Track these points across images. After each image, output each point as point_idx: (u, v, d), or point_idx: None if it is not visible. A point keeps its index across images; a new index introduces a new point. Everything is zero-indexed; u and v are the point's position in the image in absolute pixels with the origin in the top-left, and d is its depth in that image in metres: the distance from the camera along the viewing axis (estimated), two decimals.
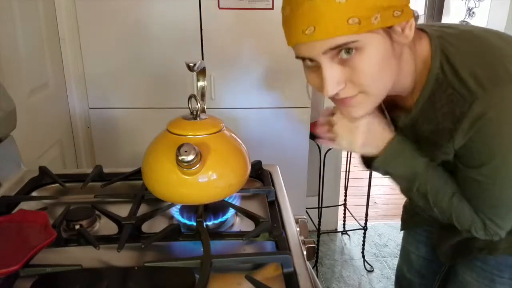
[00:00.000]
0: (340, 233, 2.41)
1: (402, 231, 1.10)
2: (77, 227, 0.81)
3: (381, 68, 0.61)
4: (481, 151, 0.64)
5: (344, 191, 2.28)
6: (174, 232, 0.78)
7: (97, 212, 0.85)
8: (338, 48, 0.59)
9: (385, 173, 0.77)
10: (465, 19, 2.09)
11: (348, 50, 0.59)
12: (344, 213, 2.34)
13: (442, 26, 0.71)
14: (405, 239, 1.11)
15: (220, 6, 1.69)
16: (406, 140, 0.74)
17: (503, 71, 0.62)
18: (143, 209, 0.88)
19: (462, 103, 0.63)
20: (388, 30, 0.60)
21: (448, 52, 0.65)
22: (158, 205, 0.89)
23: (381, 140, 0.73)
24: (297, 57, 0.66)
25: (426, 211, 0.84)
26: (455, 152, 0.69)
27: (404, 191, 0.78)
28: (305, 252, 0.76)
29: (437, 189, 0.73)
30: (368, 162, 0.78)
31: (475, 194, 0.70)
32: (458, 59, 0.64)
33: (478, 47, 0.66)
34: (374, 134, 0.73)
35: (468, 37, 0.68)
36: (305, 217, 0.87)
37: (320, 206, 2.03)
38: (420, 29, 0.69)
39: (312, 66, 0.65)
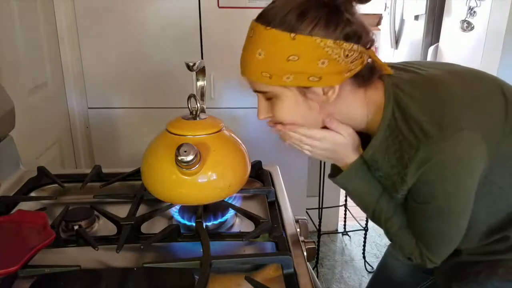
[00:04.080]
0: (340, 234, 2.40)
1: None
2: (76, 227, 0.80)
3: (291, 115, 0.71)
4: (425, 191, 0.68)
5: (344, 192, 2.27)
6: (174, 232, 0.77)
7: (96, 213, 0.85)
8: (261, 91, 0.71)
9: (344, 189, 0.82)
10: (466, 19, 2.08)
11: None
12: (345, 214, 2.34)
13: (407, 70, 0.74)
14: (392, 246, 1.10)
15: (220, 5, 1.69)
16: (365, 167, 0.77)
17: (449, 123, 0.64)
18: (142, 209, 0.87)
19: (409, 149, 0.66)
20: (303, 89, 0.67)
21: (400, 99, 0.69)
22: (157, 206, 0.89)
23: (344, 159, 0.77)
24: None
25: None
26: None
27: (362, 210, 0.82)
28: (305, 253, 0.76)
29: (388, 218, 0.77)
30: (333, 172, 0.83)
31: (418, 225, 0.74)
32: (408, 106, 0.68)
33: (431, 95, 0.69)
34: (341, 152, 0.76)
35: (424, 83, 0.71)
36: (305, 217, 0.87)
37: (320, 206, 2.02)
38: (379, 76, 0.72)
39: None
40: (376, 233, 2.36)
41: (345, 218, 2.35)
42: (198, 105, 0.80)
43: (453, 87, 0.69)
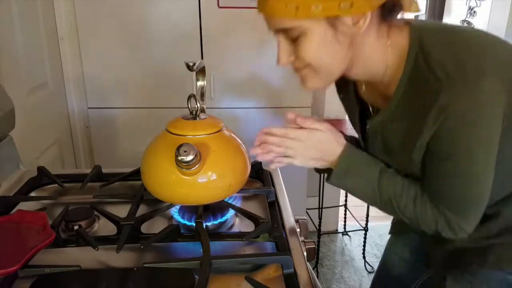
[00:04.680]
0: (340, 234, 2.40)
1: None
2: (76, 227, 0.80)
3: (321, 52, 0.65)
4: (446, 144, 0.64)
5: (344, 192, 2.27)
6: (174, 232, 0.77)
7: (96, 213, 0.85)
8: (284, 31, 0.65)
9: (344, 188, 0.79)
10: (466, 19, 2.08)
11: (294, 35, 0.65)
12: (345, 214, 2.33)
13: (432, 23, 0.72)
14: (391, 242, 1.09)
15: (220, 5, 1.69)
16: (356, 152, 0.75)
17: (473, 66, 0.61)
18: (142, 209, 0.87)
19: (429, 92, 0.63)
20: (333, 20, 0.63)
21: (425, 43, 0.65)
22: (157, 206, 0.89)
23: (333, 154, 0.75)
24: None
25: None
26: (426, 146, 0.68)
27: (371, 203, 0.78)
28: (305, 253, 0.76)
29: (399, 195, 0.73)
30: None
31: (440, 188, 0.70)
32: (432, 49, 0.64)
33: (455, 40, 0.65)
34: (326, 148, 0.74)
35: (450, 30, 0.68)
36: (305, 217, 0.86)
37: (320, 206, 2.02)
38: (405, 21, 0.69)
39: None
40: (376, 233, 2.36)
41: (345, 218, 2.35)
42: (198, 105, 0.80)
43: (476, 38, 0.67)
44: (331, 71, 0.69)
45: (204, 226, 0.78)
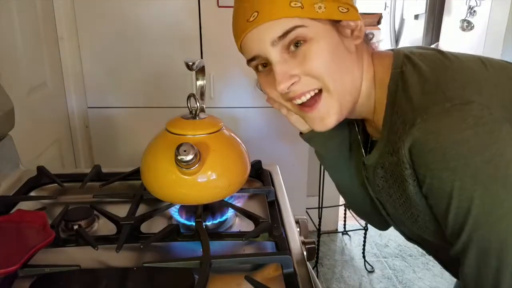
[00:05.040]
0: (340, 233, 2.40)
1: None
2: (75, 227, 0.80)
3: (334, 58, 0.61)
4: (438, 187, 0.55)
5: None
6: (173, 232, 0.77)
7: (95, 212, 0.85)
8: (286, 37, 0.60)
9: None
10: (466, 18, 2.08)
11: (297, 43, 0.61)
12: (345, 213, 2.33)
13: (422, 48, 0.67)
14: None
15: (220, 5, 1.69)
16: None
17: (449, 96, 0.55)
18: (142, 209, 0.87)
19: (403, 125, 0.57)
20: (337, 26, 0.62)
21: (407, 69, 0.61)
22: (157, 205, 0.89)
23: None
24: (249, 61, 0.69)
25: None
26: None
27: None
28: (305, 253, 0.76)
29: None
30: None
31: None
32: (412, 75, 0.60)
33: (438, 67, 0.60)
34: None
35: (435, 55, 0.63)
36: (305, 217, 0.86)
37: (320, 206, 2.02)
38: (390, 50, 0.68)
39: (265, 71, 0.67)
40: (376, 232, 2.36)
41: (345, 217, 2.35)
42: (198, 104, 0.80)
43: (469, 62, 0.62)
44: (343, 90, 0.63)
45: (203, 226, 0.78)
